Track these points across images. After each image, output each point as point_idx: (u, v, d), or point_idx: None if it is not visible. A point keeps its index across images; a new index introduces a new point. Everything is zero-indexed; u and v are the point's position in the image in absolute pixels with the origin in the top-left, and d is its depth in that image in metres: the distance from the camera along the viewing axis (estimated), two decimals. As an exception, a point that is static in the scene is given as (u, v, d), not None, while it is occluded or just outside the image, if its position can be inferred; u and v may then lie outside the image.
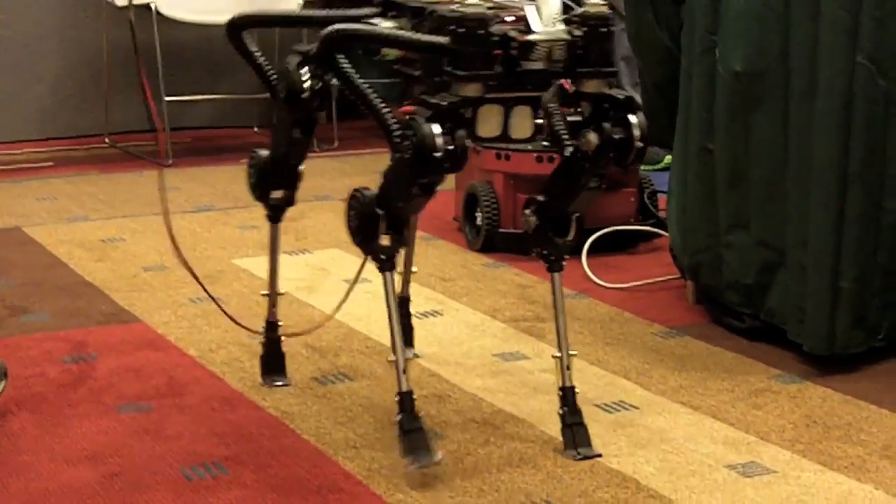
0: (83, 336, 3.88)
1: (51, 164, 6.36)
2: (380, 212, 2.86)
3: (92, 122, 6.77)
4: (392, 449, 3.06)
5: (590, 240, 4.56)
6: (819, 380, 3.54)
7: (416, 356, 3.60)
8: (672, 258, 4.22)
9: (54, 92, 6.68)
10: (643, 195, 4.85)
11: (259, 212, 5.37)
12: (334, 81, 3.06)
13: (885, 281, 3.65)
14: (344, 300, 3.33)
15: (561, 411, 3.05)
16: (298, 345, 3.79)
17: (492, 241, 4.74)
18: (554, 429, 3.21)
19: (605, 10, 2.82)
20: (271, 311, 3.51)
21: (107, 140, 6.79)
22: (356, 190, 2.91)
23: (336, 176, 6.03)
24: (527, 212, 3.09)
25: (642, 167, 4.92)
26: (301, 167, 3.38)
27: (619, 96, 2.88)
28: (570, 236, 3.08)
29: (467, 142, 2.74)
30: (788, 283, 3.69)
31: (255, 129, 7.00)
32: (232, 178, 6.03)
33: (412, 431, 2.85)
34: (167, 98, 6.37)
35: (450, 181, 5.00)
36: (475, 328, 3.97)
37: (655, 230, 4.82)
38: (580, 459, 2.96)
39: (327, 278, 4.45)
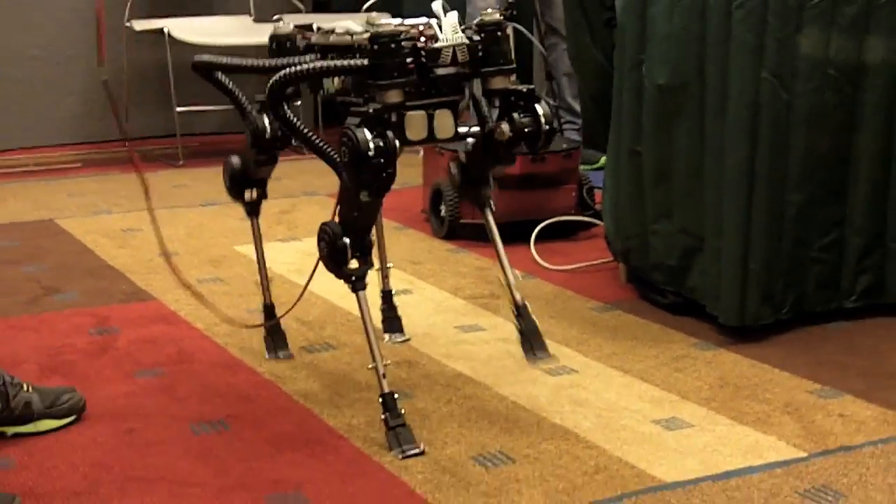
0: (107, 312, 3.87)
1: (79, 165, 6.35)
2: (346, 240, 2.84)
3: (113, 128, 6.72)
4: (368, 408, 3.05)
5: (537, 229, 4.56)
6: (731, 347, 3.54)
7: (407, 339, 3.56)
8: (606, 244, 4.22)
9: (83, 103, 6.68)
10: (582, 191, 4.85)
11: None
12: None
13: (788, 264, 3.66)
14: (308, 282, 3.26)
15: (519, 325, 3.05)
16: (289, 319, 3.77)
17: (454, 230, 4.74)
18: (507, 390, 3.21)
19: (498, 17, 2.84)
20: (265, 294, 3.48)
21: (126, 144, 6.69)
22: (324, 224, 2.88)
23: (322, 174, 5.99)
24: (452, 166, 3.10)
25: (581, 167, 4.92)
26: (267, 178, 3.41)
27: (523, 89, 2.88)
28: (490, 187, 3.10)
29: (395, 142, 2.71)
30: (706, 265, 3.69)
31: (253, 135, 7.11)
32: (234, 177, 6.03)
33: (397, 427, 2.80)
34: (178, 109, 6.40)
35: (418, 179, 5.02)
36: (440, 304, 3.96)
37: (592, 220, 4.80)
38: (536, 361, 3.01)
39: (314, 262, 4.43)
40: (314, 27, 3.22)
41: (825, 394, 3.20)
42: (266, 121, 3.13)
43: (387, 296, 3.57)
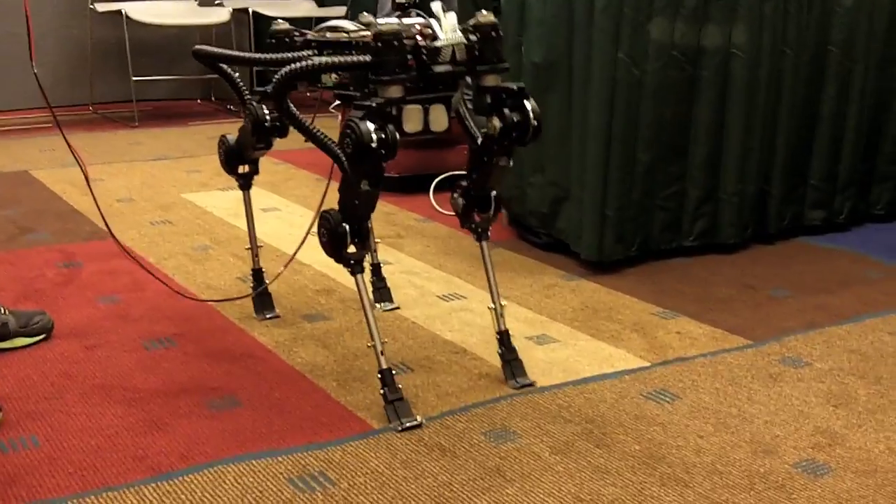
0: (73, 249, 3.81)
1: (50, 125, 6.24)
2: (346, 226, 2.56)
3: (80, 95, 6.76)
4: (292, 326, 3.05)
5: (435, 181, 4.56)
6: (591, 278, 3.58)
7: (397, 307, 3.28)
8: (492, 194, 4.23)
9: (53, 73, 6.57)
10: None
11: (200, 159, 5.37)
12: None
13: (637, 210, 3.70)
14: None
15: (500, 350, 2.77)
16: (225, 254, 3.76)
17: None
18: (409, 312, 3.22)
19: (493, 19, 2.59)
20: (254, 260, 3.22)
21: (91, 108, 6.76)
22: (325, 212, 2.59)
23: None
24: (455, 195, 2.82)
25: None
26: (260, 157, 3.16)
27: (514, 87, 2.60)
28: (492, 212, 2.79)
29: (396, 134, 2.45)
30: (571, 212, 3.72)
31: (199, 100, 7.13)
32: (182, 136, 5.96)
33: (395, 401, 2.53)
34: (134, 78, 6.38)
35: (336, 137, 4.98)
36: None
37: (481, 174, 4.81)
38: (519, 388, 2.71)
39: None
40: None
41: (666, 315, 3.25)
42: (266, 111, 2.92)
43: (376, 268, 3.31)
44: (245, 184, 3.18)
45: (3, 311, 2.89)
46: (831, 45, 4.00)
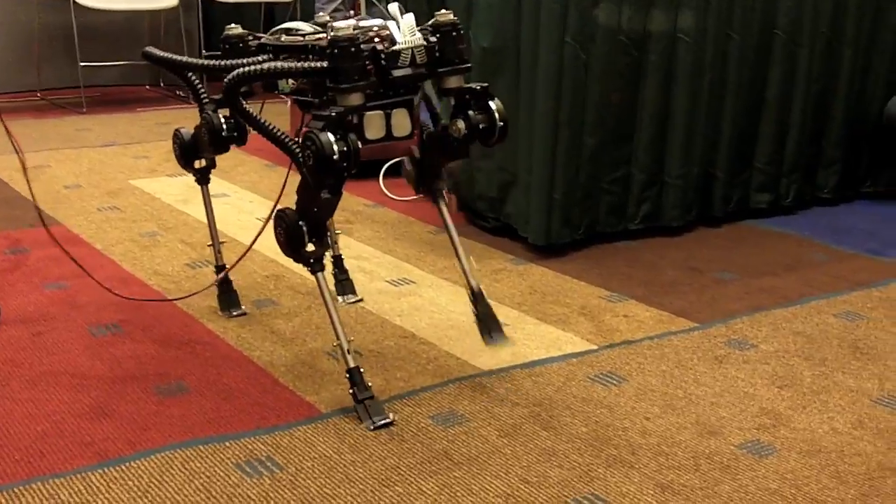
0: (19, 235, 3.78)
1: (-4, 112, 6.20)
2: (302, 225, 2.48)
3: (27, 81, 6.69)
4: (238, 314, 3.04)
5: (385, 166, 4.55)
6: (539, 262, 3.59)
7: (360, 300, 3.20)
8: (441, 179, 4.23)
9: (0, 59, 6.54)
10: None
11: (149, 145, 5.34)
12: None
13: (584, 194, 3.71)
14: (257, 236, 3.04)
15: (475, 310, 2.68)
16: (173, 240, 3.73)
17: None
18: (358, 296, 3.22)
19: (452, 17, 2.48)
20: (217, 256, 3.11)
21: (39, 94, 6.69)
22: (280, 210, 2.52)
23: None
24: (406, 164, 2.79)
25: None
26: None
27: (477, 87, 2.50)
28: (444, 179, 2.74)
29: (357, 144, 2.33)
30: (519, 196, 3.73)
31: (147, 86, 7.05)
32: (130, 122, 5.91)
33: (365, 400, 2.45)
34: (82, 63, 6.32)
35: (286, 126, 4.96)
36: None
37: (431, 159, 4.82)
38: (493, 344, 2.67)
39: (198, 194, 4.38)
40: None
41: (613, 299, 3.27)
42: (221, 118, 2.83)
43: (337, 260, 3.22)
44: (202, 178, 3.07)
45: None
46: (777, 29, 4.03)
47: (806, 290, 3.38)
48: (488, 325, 2.69)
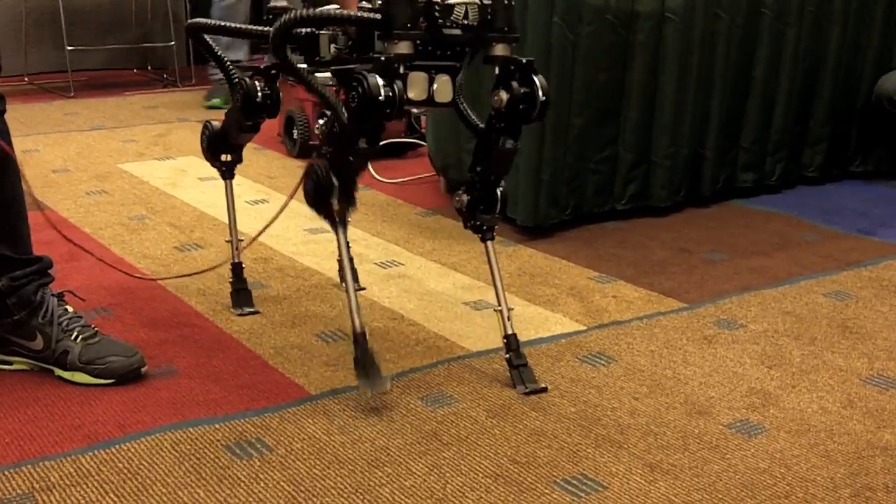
0: (6, 219, 3.77)
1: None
2: (335, 181, 2.42)
3: (15, 65, 6.67)
4: (227, 296, 3.04)
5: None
6: (527, 243, 3.59)
7: (363, 289, 3.14)
8: (430, 161, 4.23)
9: (-15, 46, 6.55)
10: (410, 118, 4.85)
11: (137, 128, 5.32)
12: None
13: (571, 174, 3.71)
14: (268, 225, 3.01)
15: (507, 356, 2.57)
16: (162, 224, 3.73)
17: (305, 149, 4.71)
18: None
19: None
20: (234, 253, 3.05)
21: (26, 79, 6.69)
22: (313, 163, 2.45)
23: (193, 105, 5.97)
24: (459, 192, 2.66)
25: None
26: (245, 144, 3.04)
27: (523, 60, 2.41)
28: (498, 210, 2.64)
29: (404, 92, 2.29)
30: (507, 178, 3.72)
31: (135, 70, 7.01)
32: (118, 106, 5.90)
33: (367, 363, 2.40)
34: (69, 48, 6.29)
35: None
36: (290, 210, 3.83)
37: (419, 142, 4.82)
38: (528, 394, 2.52)
39: (186, 177, 4.37)
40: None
41: (602, 279, 3.28)
42: (257, 85, 2.77)
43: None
44: (227, 172, 3.04)
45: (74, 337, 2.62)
46: (764, 9, 4.03)
47: (795, 270, 3.39)
48: (521, 374, 2.58)
